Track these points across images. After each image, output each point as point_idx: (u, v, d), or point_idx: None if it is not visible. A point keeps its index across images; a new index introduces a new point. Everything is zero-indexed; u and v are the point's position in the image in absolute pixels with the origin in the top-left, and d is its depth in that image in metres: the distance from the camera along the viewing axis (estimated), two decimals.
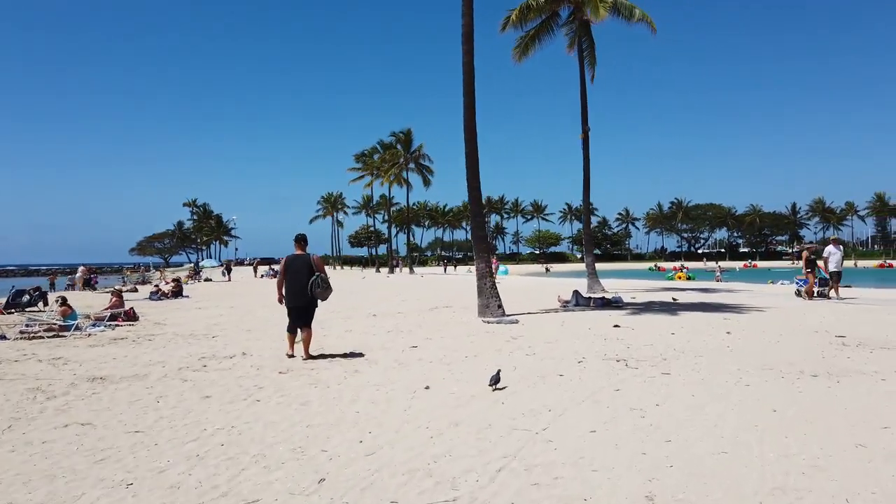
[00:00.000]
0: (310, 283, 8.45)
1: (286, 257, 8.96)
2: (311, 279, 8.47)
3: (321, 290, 8.53)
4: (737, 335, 10.23)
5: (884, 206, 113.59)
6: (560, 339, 10.25)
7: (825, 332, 10.45)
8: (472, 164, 14.61)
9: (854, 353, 8.24)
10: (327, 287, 8.61)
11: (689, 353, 8.46)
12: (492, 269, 14.54)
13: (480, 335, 11.00)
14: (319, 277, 8.50)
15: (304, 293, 8.47)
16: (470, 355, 8.78)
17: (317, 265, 8.62)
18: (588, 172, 23.13)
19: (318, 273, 8.52)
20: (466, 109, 14.46)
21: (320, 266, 8.65)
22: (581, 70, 23.26)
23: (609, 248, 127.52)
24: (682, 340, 9.71)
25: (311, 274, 8.50)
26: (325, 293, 8.59)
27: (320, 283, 8.49)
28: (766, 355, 8.21)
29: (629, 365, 7.70)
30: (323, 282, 8.53)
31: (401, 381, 7.01)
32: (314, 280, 8.47)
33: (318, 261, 8.70)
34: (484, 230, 14.89)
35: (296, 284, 8.52)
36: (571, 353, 8.76)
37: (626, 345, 9.40)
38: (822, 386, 6.31)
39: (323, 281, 8.53)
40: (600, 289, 21.97)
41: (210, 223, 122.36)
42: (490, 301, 14.18)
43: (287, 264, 8.74)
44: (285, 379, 7.35)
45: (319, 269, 8.60)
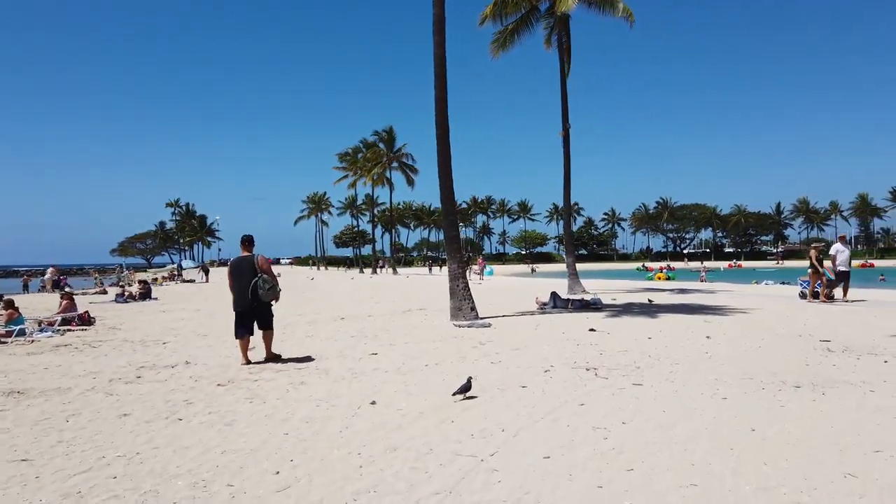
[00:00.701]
0: (252, 285, 8.06)
1: (231, 260, 8.62)
2: (254, 280, 8.08)
3: (264, 292, 8.12)
4: (717, 340, 9.68)
5: (867, 206, 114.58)
6: (530, 344, 9.64)
7: (809, 336, 9.93)
8: (444, 161, 13.98)
9: (840, 360, 7.70)
10: (271, 288, 8.19)
11: (664, 361, 7.88)
12: (464, 271, 13.92)
13: (448, 340, 10.37)
14: (261, 279, 8.10)
15: (247, 295, 8.10)
16: (430, 364, 8.13)
17: (260, 266, 8.20)
18: (569, 171, 22.59)
19: (260, 274, 8.10)
20: (438, 102, 13.83)
21: (264, 267, 8.23)
22: (561, 66, 22.71)
23: (595, 249, 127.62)
24: (658, 346, 9.14)
25: (255, 275, 8.11)
26: (268, 294, 8.17)
27: (261, 283, 8.08)
28: (746, 363, 7.65)
29: (599, 374, 7.10)
30: (265, 283, 8.11)
31: (347, 396, 6.35)
32: (256, 281, 8.08)
33: (262, 261, 8.27)
34: (456, 229, 14.27)
35: (241, 287, 8.16)
36: (540, 360, 8.15)
37: (599, 351, 8.81)
38: (807, 399, 5.73)
39: (265, 282, 8.11)
40: (581, 290, 21.43)
41: (193, 224, 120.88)
42: (463, 303, 13.56)
43: (232, 267, 8.41)
44: (221, 392, 6.67)
45: (264, 270, 8.18)
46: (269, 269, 8.30)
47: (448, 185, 14.04)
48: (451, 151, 14.02)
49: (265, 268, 8.22)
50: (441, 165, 14.02)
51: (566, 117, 22.55)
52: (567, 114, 22.54)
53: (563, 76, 22.70)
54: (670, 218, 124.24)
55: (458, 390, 6.02)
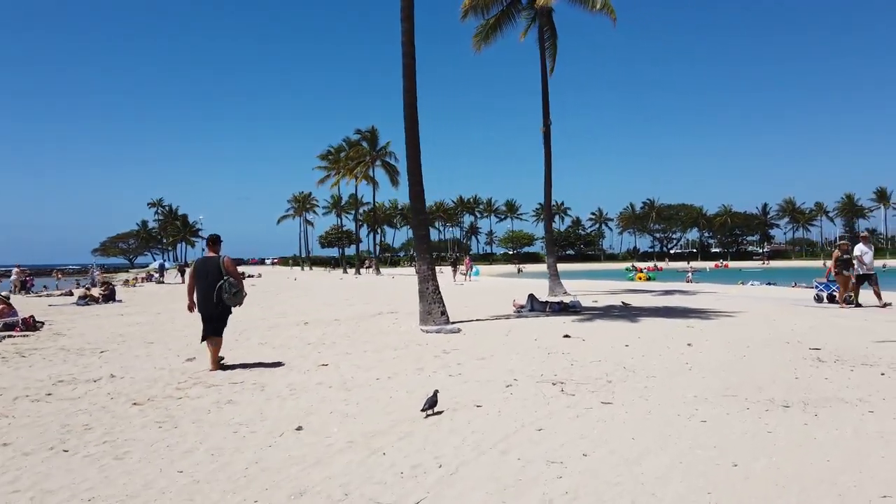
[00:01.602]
0: (217, 288, 7.66)
1: (196, 260, 8.34)
2: (219, 283, 7.67)
3: (228, 296, 7.71)
4: (698, 347, 8.95)
5: (852, 206, 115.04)
6: (498, 353, 8.86)
7: (798, 343, 9.22)
8: (413, 155, 13.18)
9: (832, 372, 6.99)
10: (237, 292, 7.78)
11: (639, 373, 7.12)
12: (434, 273, 13.13)
13: (410, 348, 9.57)
14: (227, 282, 7.69)
15: (211, 299, 7.72)
16: (383, 377, 7.33)
17: (226, 268, 7.77)
18: (549, 168, 21.86)
19: (226, 277, 7.69)
20: (406, 94, 13.02)
21: (230, 269, 7.80)
22: (542, 61, 21.99)
23: (583, 249, 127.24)
24: (635, 355, 8.39)
25: (220, 278, 7.70)
26: (234, 299, 7.78)
27: (227, 287, 7.69)
28: (730, 375, 6.91)
29: (566, 390, 6.32)
30: (230, 286, 7.71)
31: (273, 419, 5.53)
32: (221, 284, 7.67)
33: (228, 263, 7.84)
34: (426, 228, 13.47)
35: (204, 289, 7.78)
36: (504, 372, 7.37)
37: (570, 360, 8.05)
38: (797, 422, 4.99)
39: (230, 285, 7.71)
40: (562, 291, 20.72)
41: (176, 224, 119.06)
42: (433, 307, 12.76)
43: (196, 268, 8.04)
44: (132, 414, 5.82)
45: (230, 272, 7.76)
46: (236, 271, 7.88)
47: (417, 181, 13.24)
48: (422, 147, 13.23)
49: (231, 270, 7.79)
50: (410, 160, 13.22)
51: (547, 113, 21.83)
52: (548, 110, 21.84)
53: (544, 71, 21.99)
54: (657, 218, 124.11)
55: (425, 405, 5.44)
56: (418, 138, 13.14)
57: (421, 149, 13.13)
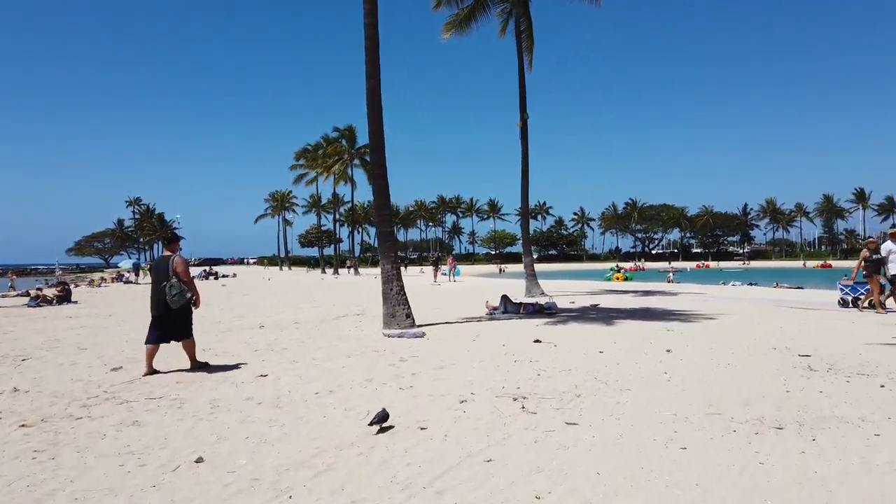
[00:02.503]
0: (161, 288, 7.43)
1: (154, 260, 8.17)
2: (162, 284, 7.43)
3: (170, 298, 7.37)
4: (679, 354, 8.19)
5: (831, 207, 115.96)
6: (460, 361, 8.04)
7: (786, 349, 8.51)
8: (377, 146, 12.31)
9: (826, 384, 6.25)
10: (179, 294, 7.42)
11: (612, 385, 6.33)
12: (399, 273, 12.27)
13: (365, 356, 8.71)
14: (169, 284, 7.38)
15: (158, 300, 7.49)
16: (323, 391, 6.46)
17: (174, 269, 7.50)
18: (527, 164, 21.08)
19: (170, 278, 7.43)
20: (369, 79, 12.13)
21: (178, 270, 7.51)
22: (519, 54, 21.21)
23: (565, 249, 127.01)
24: (609, 363, 7.61)
25: (166, 279, 7.46)
26: (175, 301, 7.40)
27: (168, 289, 7.36)
28: (713, 387, 6.15)
29: (527, 407, 5.51)
30: (172, 288, 7.36)
31: (175, 446, 4.64)
32: (164, 286, 7.41)
33: (177, 263, 7.57)
34: (391, 225, 12.60)
35: (154, 290, 7.56)
36: (462, 385, 6.55)
37: (538, 370, 7.25)
38: (793, 450, 4.21)
39: (171, 287, 7.37)
40: (539, 292, 19.97)
41: (152, 222, 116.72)
42: (397, 309, 11.92)
43: (151, 268, 7.91)
44: (14, 439, 4.88)
45: (176, 273, 7.48)
46: (185, 272, 7.59)
47: (381, 174, 12.37)
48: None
49: (179, 271, 7.52)
50: (373, 152, 12.36)
51: (524, 107, 21.05)
52: (525, 104, 21.05)
53: (521, 64, 21.22)
54: (639, 218, 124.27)
55: (374, 419, 4.90)
56: (382, 129, 12.28)
57: (386, 142, 12.30)
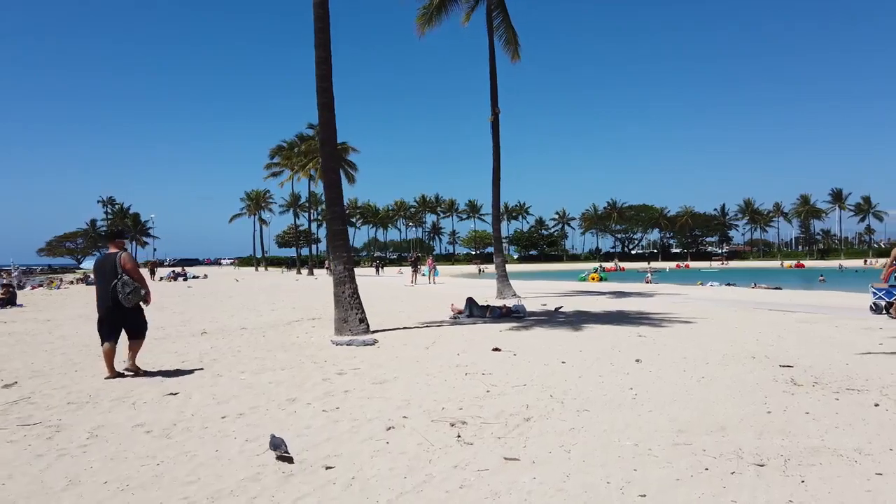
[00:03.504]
0: (111, 287, 7.11)
1: (97, 258, 7.81)
2: (113, 282, 7.11)
3: (123, 296, 7.09)
4: (648, 364, 7.38)
5: (809, 207, 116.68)
6: (404, 374, 7.14)
7: (765, 358, 7.74)
8: (328, 137, 11.38)
9: (813, 402, 5.45)
10: (133, 292, 7.15)
11: (569, 406, 5.48)
12: (352, 274, 11.33)
13: (301, 368, 7.77)
14: (121, 281, 7.11)
15: (106, 299, 7.18)
16: (232, 414, 5.51)
17: (123, 266, 7.21)
18: (498, 160, 20.26)
19: (121, 275, 7.14)
20: (319, 65, 11.19)
21: (128, 267, 7.23)
22: (490, 44, 20.39)
23: (546, 249, 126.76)
24: (570, 376, 6.76)
25: (115, 277, 7.15)
26: (129, 299, 7.13)
27: (121, 287, 7.10)
28: (684, 409, 5.32)
29: (463, 436, 4.62)
30: (125, 286, 7.11)
31: (4, 496, 3.68)
32: (115, 283, 7.11)
33: (126, 260, 7.28)
34: (344, 223, 11.66)
35: (101, 289, 7.27)
36: (396, 406, 5.65)
37: (488, 385, 6.38)
38: (779, 496, 3.37)
39: (125, 285, 7.11)
40: (511, 294, 19.16)
41: (126, 222, 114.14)
42: (349, 314, 10.98)
43: (95, 267, 7.52)
44: None
45: (126, 270, 7.20)
46: (135, 269, 7.32)
47: (332, 167, 11.45)
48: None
49: (129, 268, 7.24)
50: (324, 144, 11.42)
51: (495, 101, 20.24)
52: (496, 97, 20.24)
53: (492, 55, 20.40)
54: (619, 219, 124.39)
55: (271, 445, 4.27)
56: (334, 120, 11.35)
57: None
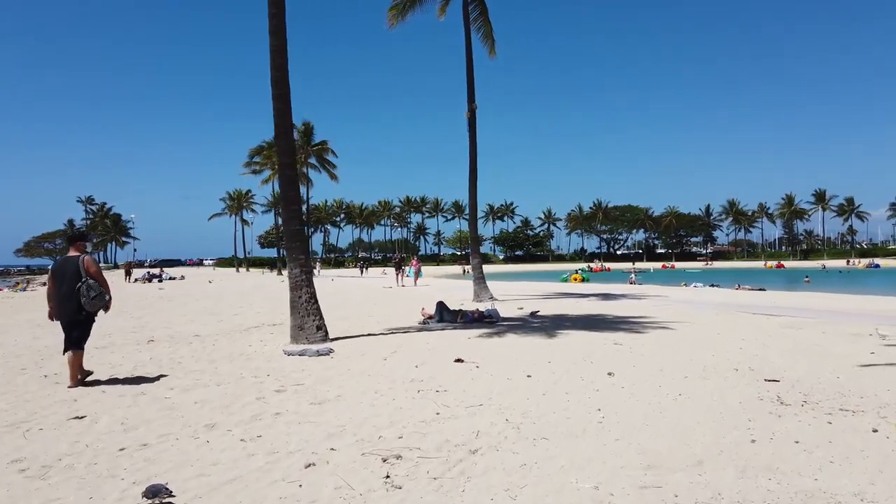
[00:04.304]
0: (75, 291, 6.86)
1: (56, 261, 7.62)
2: (77, 286, 6.88)
3: (87, 300, 6.89)
4: (621, 378, 6.68)
5: (792, 207, 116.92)
6: (347, 392, 6.39)
7: (749, 370, 7.08)
8: (284, 130, 10.58)
9: (803, 427, 4.77)
10: (98, 296, 6.97)
11: (525, 433, 4.75)
12: (310, 278, 10.56)
13: (239, 384, 6.99)
14: (85, 284, 6.89)
15: (69, 304, 6.93)
16: (133, 446, 4.72)
17: (86, 269, 7.00)
18: (475, 158, 19.55)
19: (85, 279, 6.93)
20: (275, 53, 10.40)
21: (92, 270, 7.02)
22: (467, 37, 19.68)
23: (531, 249, 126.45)
24: (533, 393, 6.05)
25: (78, 281, 6.92)
26: (93, 303, 6.95)
27: (85, 290, 6.88)
28: (656, 436, 4.61)
29: (393, 476, 3.89)
30: (89, 289, 6.91)
31: None
32: (79, 287, 6.87)
33: (89, 263, 7.07)
34: (300, 221, 10.87)
35: (62, 294, 7.00)
36: (328, 433, 4.89)
37: (440, 406, 5.65)
38: None
39: (89, 288, 6.91)
40: (488, 296, 18.45)
41: (105, 223, 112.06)
42: (306, 321, 10.22)
43: (54, 270, 7.29)
44: None
45: (91, 274, 6.99)
46: (99, 273, 7.12)
47: (288, 163, 10.67)
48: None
49: (93, 272, 7.04)
50: (280, 137, 10.62)
51: (472, 96, 19.53)
52: (473, 92, 19.53)
53: (469, 49, 19.69)
54: (604, 219, 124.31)
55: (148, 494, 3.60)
56: (289, 109, 10.56)
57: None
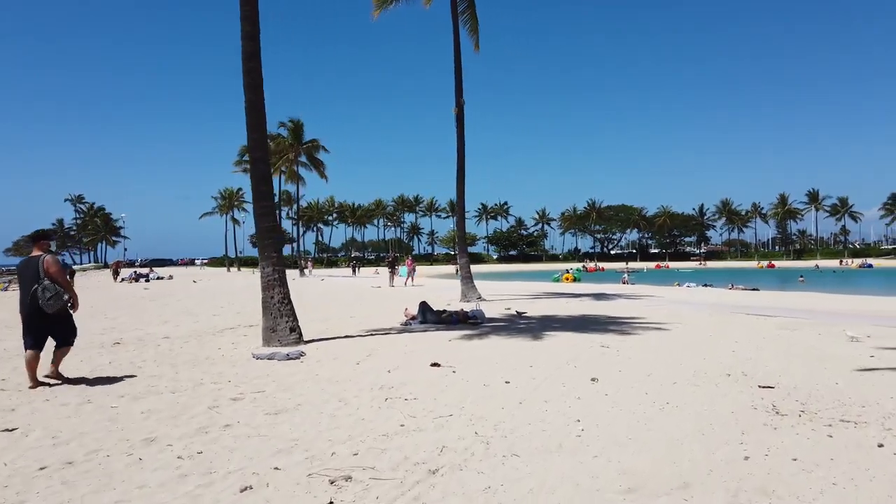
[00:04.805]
0: (31, 292, 6.77)
1: (20, 261, 7.49)
2: (34, 287, 6.77)
3: (43, 301, 6.73)
4: (605, 385, 6.23)
5: (786, 207, 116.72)
6: (309, 401, 5.90)
7: (742, 375, 6.64)
8: (256, 122, 10.07)
9: (801, 441, 4.32)
10: (54, 297, 6.78)
11: (494, 449, 4.28)
12: (283, 277, 10.08)
13: (198, 391, 6.50)
14: (41, 286, 6.77)
15: (30, 303, 6.82)
16: (56, 465, 4.23)
17: (46, 269, 6.89)
18: (463, 155, 19.08)
19: (42, 280, 6.82)
20: (246, 40, 9.90)
21: (51, 271, 6.89)
22: (455, 31, 19.20)
23: (525, 249, 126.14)
24: (509, 402, 5.59)
25: (37, 280, 6.81)
26: (50, 305, 6.77)
27: (41, 292, 6.76)
28: (639, 453, 4.15)
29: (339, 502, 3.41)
30: (45, 291, 6.76)
31: None
32: (35, 289, 6.77)
33: (49, 264, 6.93)
34: (274, 218, 10.37)
35: (24, 293, 6.94)
36: (277, 448, 4.41)
37: (406, 415, 5.18)
38: None
39: (45, 290, 6.76)
40: (476, 296, 18.00)
41: (96, 221, 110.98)
42: (279, 322, 9.74)
43: (18, 271, 7.31)
44: None
45: (49, 274, 6.87)
46: (58, 272, 6.96)
47: (261, 158, 10.18)
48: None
49: (52, 272, 6.91)
50: (252, 129, 10.11)
51: (460, 92, 19.05)
52: (461, 87, 19.06)
53: (457, 43, 19.23)
54: (598, 219, 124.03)
55: None
56: (262, 100, 10.07)
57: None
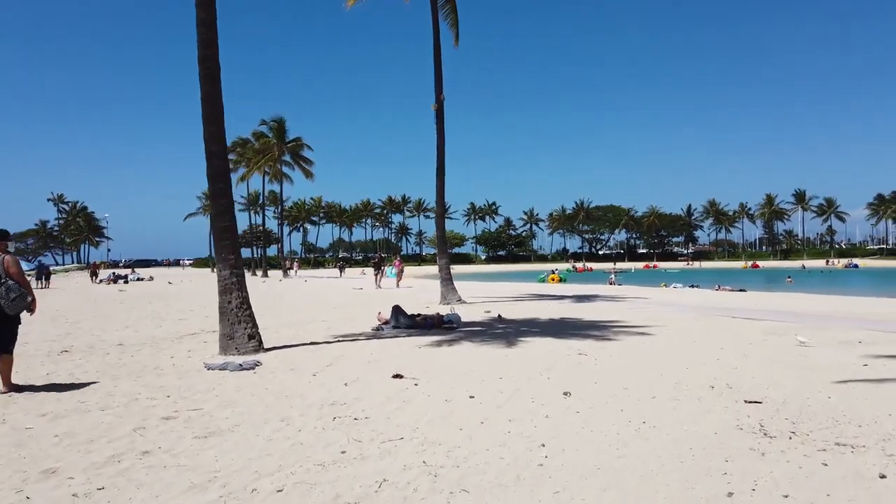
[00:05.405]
0: None
1: None
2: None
3: (7, 302, 6.54)
4: (578, 401, 5.67)
5: (773, 207, 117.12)
6: (247, 421, 5.29)
7: (727, 388, 6.10)
8: (212, 114, 9.43)
9: (792, 471, 3.77)
10: (18, 298, 6.61)
11: (441, 483, 3.70)
12: (241, 280, 9.44)
13: (130, 408, 5.88)
14: (5, 286, 6.57)
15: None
16: None
17: (6, 269, 6.71)
18: (443, 152, 18.51)
19: (5, 280, 6.63)
20: (202, 27, 9.26)
21: (12, 271, 6.73)
22: (434, 26, 18.63)
23: (514, 249, 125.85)
24: (469, 422, 5.01)
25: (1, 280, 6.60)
26: (13, 306, 6.59)
27: (5, 292, 6.56)
28: (606, 488, 3.59)
29: None
30: (8, 290, 6.57)
31: None
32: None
33: (9, 263, 6.76)
34: (231, 218, 9.72)
35: None
36: (191, 483, 3.82)
37: (346, 443, 4.59)
38: None
39: (9, 290, 6.57)
40: (456, 298, 17.44)
41: (78, 222, 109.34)
42: (236, 329, 9.11)
43: None
44: None
45: (10, 274, 6.70)
46: (20, 273, 6.83)
47: (218, 153, 9.53)
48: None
49: (13, 272, 6.75)
50: (208, 122, 9.46)
51: (440, 87, 18.47)
52: (441, 83, 18.48)
53: (436, 38, 18.65)
54: (586, 219, 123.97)
55: None
56: (219, 92, 9.44)
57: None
